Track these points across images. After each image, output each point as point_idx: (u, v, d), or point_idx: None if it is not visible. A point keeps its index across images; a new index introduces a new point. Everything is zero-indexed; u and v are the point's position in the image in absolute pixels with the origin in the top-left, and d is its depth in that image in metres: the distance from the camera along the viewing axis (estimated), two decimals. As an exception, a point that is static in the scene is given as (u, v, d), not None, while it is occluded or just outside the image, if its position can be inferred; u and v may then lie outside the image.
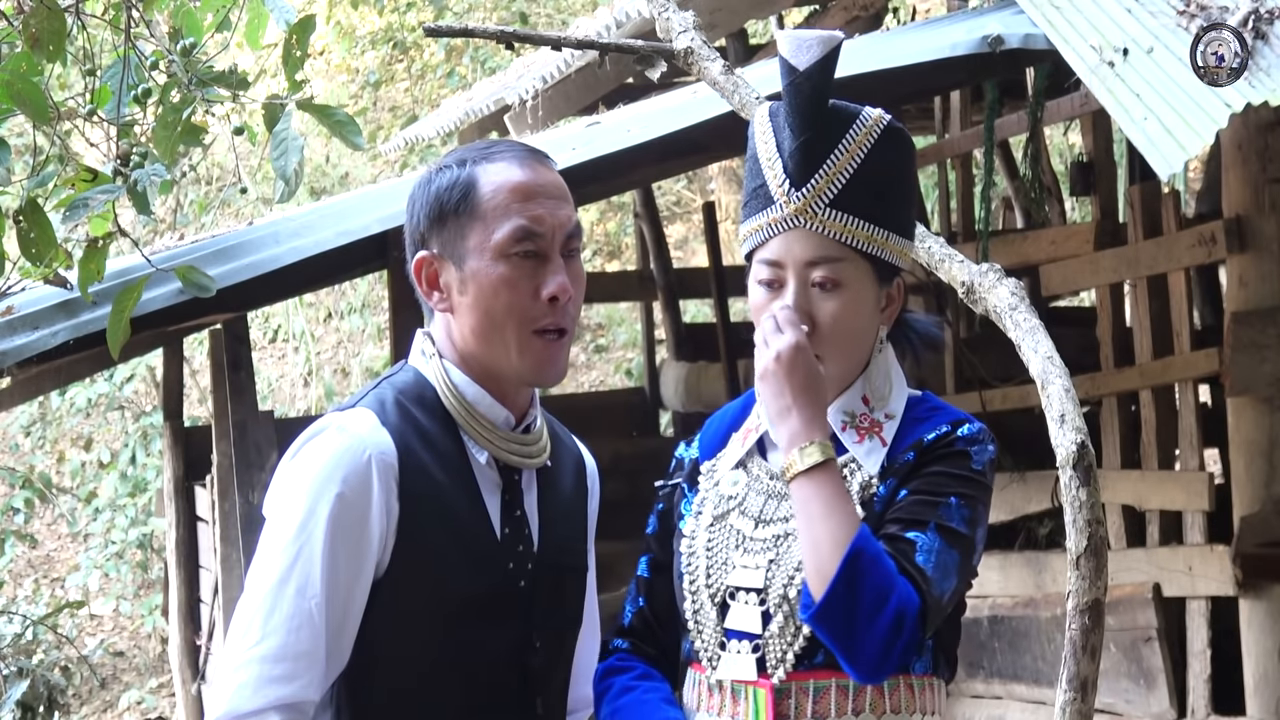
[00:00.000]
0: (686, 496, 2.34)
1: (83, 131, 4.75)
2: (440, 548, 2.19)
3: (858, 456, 2.22)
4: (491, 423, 2.24)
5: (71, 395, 13.32)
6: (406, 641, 2.19)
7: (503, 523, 2.24)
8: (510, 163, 2.25)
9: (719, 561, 2.23)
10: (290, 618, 2.13)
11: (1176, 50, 3.89)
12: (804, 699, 2.15)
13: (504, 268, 2.20)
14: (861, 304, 2.22)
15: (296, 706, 2.12)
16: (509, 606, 2.23)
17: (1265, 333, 5.29)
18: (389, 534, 2.17)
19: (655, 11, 3.46)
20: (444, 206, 2.24)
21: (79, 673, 10.76)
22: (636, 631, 2.35)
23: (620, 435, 9.38)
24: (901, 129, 2.25)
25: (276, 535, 2.16)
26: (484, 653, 2.21)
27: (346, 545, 2.15)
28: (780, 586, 2.16)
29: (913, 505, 2.15)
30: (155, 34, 4.25)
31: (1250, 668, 5.34)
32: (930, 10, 11.26)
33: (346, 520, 2.14)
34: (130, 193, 3.96)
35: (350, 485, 2.15)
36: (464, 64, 15.51)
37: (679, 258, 13.53)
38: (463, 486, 2.22)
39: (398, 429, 2.20)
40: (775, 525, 2.22)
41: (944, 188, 8.15)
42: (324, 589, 2.13)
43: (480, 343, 2.23)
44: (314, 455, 2.18)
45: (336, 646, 2.16)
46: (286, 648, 2.12)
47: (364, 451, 2.16)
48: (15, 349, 4.60)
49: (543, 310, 2.22)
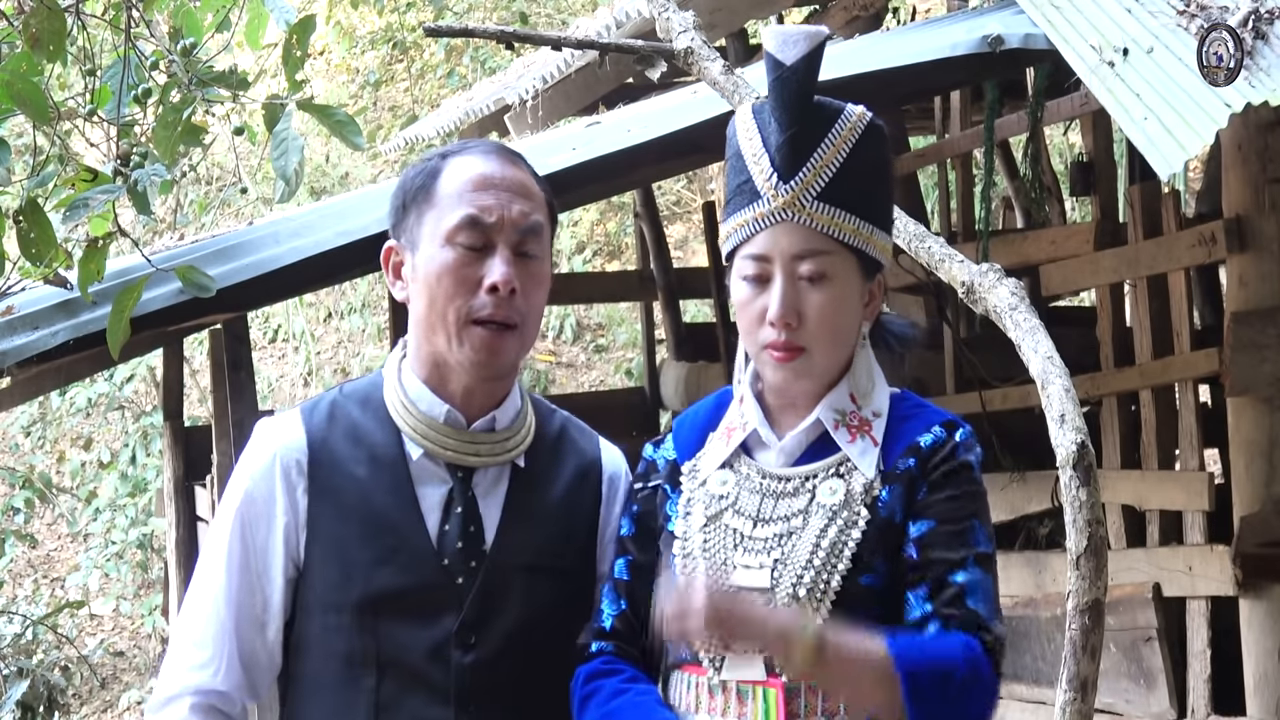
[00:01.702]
0: (670, 498, 2.32)
1: (83, 131, 4.75)
2: (352, 542, 2.22)
3: (852, 456, 2.21)
4: (430, 418, 2.25)
5: (71, 395, 13.33)
6: (326, 634, 2.23)
7: (442, 519, 2.25)
8: (475, 155, 2.28)
9: (718, 562, 2.22)
10: (201, 609, 2.25)
11: (1176, 50, 3.89)
12: (813, 697, 2.15)
13: (449, 254, 2.22)
14: (848, 298, 2.22)
15: (214, 693, 2.22)
16: (440, 603, 2.23)
17: (1265, 333, 5.28)
18: (298, 528, 2.24)
19: (655, 11, 3.47)
20: (407, 195, 2.28)
21: (79, 673, 10.77)
22: (620, 634, 2.32)
23: (620, 435, 9.30)
24: (882, 126, 2.26)
25: (208, 534, 2.30)
26: (407, 648, 2.22)
27: (253, 540, 2.24)
28: (789, 585, 2.15)
29: (946, 539, 2.16)
30: (155, 34, 4.25)
31: (1250, 668, 5.34)
32: (930, 10, 11.26)
33: (251, 516, 2.25)
34: (130, 193, 3.96)
35: (255, 482, 2.25)
36: (464, 64, 15.51)
37: (679, 258, 13.53)
38: (389, 482, 2.24)
39: (319, 425, 2.27)
40: (775, 524, 2.21)
41: (944, 188, 8.14)
42: (226, 582, 2.24)
43: (426, 329, 2.26)
44: (243, 457, 2.30)
45: (262, 642, 2.25)
46: (199, 637, 2.24)
47: (270, 450, 2.26)
48: (15, 349, 4.59)
49: (484, 300, 2.22)
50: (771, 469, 2.25)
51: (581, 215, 14.54)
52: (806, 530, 2.18)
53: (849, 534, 2.17)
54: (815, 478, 2.22)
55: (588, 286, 11.58)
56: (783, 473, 2.24)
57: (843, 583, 2.15)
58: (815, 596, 2.15)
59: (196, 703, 2.21)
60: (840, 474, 2.21)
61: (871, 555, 2.16)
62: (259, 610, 2.23)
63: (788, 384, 2.25)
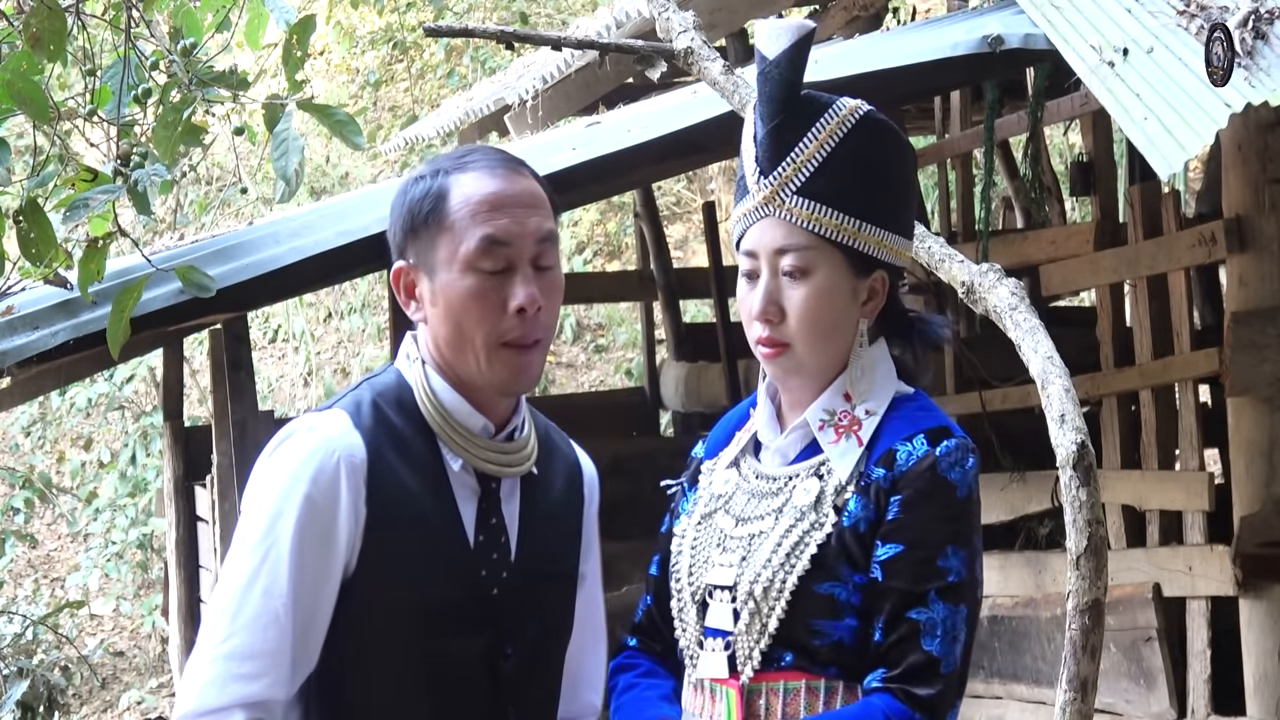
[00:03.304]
0: (686, 495, 2.34)
1: (83, 131, 4.75)
2: (407, 552, 2.19)
3: (831, 458, 2.18)
4: (469, 430, 2.23)
5: (71, 395, 13.33)
6: (374, 645, 2.19)
7: (477, 530, 2.23)
8: (481, 173, 2.22)
9: (700, 560, 2.23)
10: (257, 617, 2.14)
11: (1176, 50, 3.89)
12: (774, 699, 2.15)
13: (471, 280, 2.18)
14: (833, 294, 2.18)
15: (261, 705, 2.13)
16: (481, 614, 2.22)
17: (1265, 333, 5.28)
18: (356, 536, 2.17)
19: (655, 11, 3.47)
20: (415, 218, 2.23)
21: (79, 673, 10.77)
22: (644, 629, 2.35)
23: (620, 435, 9.37)
24: (884, 121, 2.21)
25: (246, 535, 2.18)
26: (453, 659, 2.20)
27: (314, 547, 2.16)
28: (747, 584, 2.16)
29: (911, 569, 2.10)
30: (155, 34, 4.25)
31: (1250, 668, 5.34)
32: (930, 10, 11.26)
33: (314, 522, 2.15)
34: (130, 193, 3.96)
35: (318, 487, 2.16)
36: (464, 64, 15.51)
37: (679, 258, 13.53)
38: (435, 492, 2.21)
39: (370, 431, 2.20)
40: (751, 524, 2.21)
41: (944, 188, 8.14)
42: (290, 590, 2.14)
43: (452, 353, 2.22)
44: (285, 456, 2.19)
45: (304, 647, 2.17)
46: (252, 647, 2.13)
47: (333, 453, 2.17)
48: (15, 349, 4.60)
49: (512, 323, 2.19)
50: (765, 469, 2.25)
51: (581, 215, 14.54)
52: (774, 530, 2.18)
53: (812, 535, 2.14)
54: (796, 478, 2.21)
55: (588, 286, 11.58)
56: (774, 473, 2.24)
57: (799, 584, 2.12)
58: (770, 596, 2.14)
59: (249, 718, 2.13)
60: (819, 474, 2.19)
61: (836, 561, 2.13)
62: (309, 616, 2.17)
63: (779, 379, 2.25)
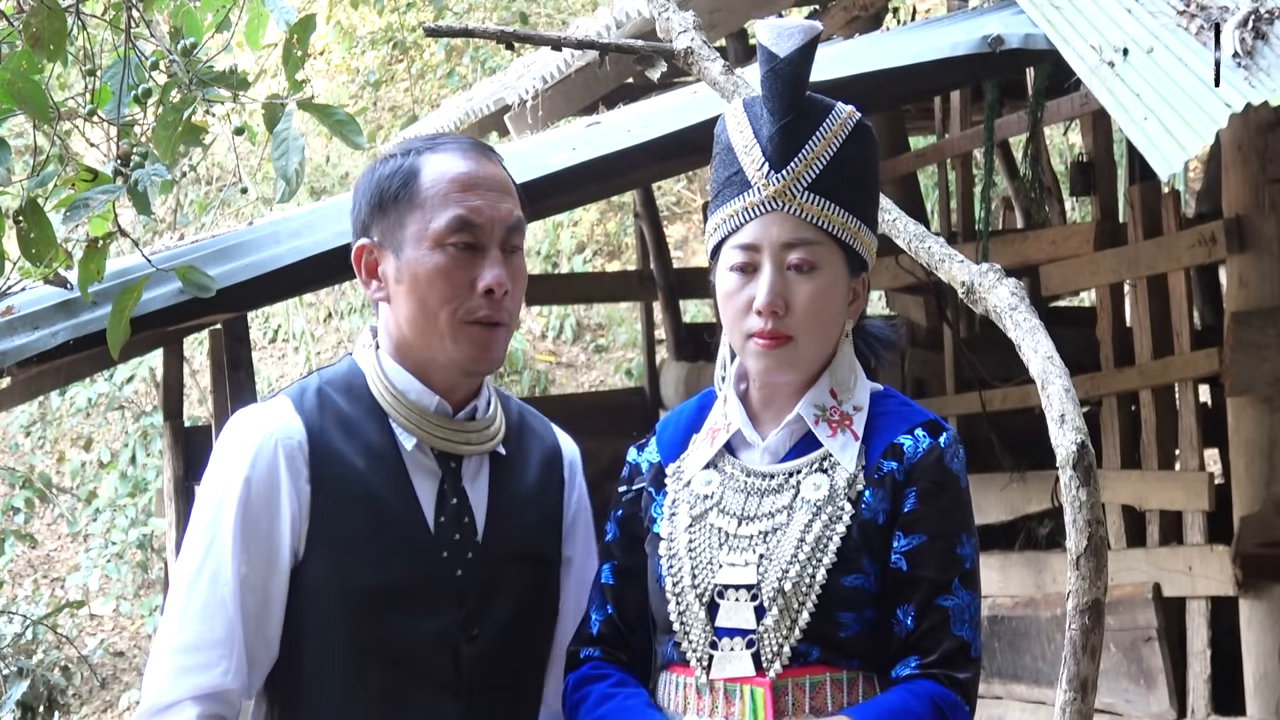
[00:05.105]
0: (655, 500, 2.33)
1: (83, 131, 4.75)
2: (358, 532, 2.20)
3: (833, 451, 2.23)
4: (423, 409, 2.24)
5: (71, 395, 13.32)
6: (328, 627, 2.20)
7: (438, 511, 2.24)
8: (453, 154, 2.26)
9: (704, 562, 2.22)
10: (204, 606, 2.16)
11: (1176, 50, 3.89)
12: (800, 695, 2.16)
13: (440, 257, 2.21)
14: (835, 290, 2.24)
15: (215, 696, 2.15)
16: (442, 595, 2.22)
17: (1265, 333, 5.29)
18: (302, 519, 2.19)
19: (655, 11, 3.47)
20: (384, 194, 2.25)
21: (79, 673, 10.77)
22: (607, 639, 2.33)
23: (620, 435, 9.32)
24: (869, 127, 2.29)
25: (193, 525, 2.21)
26: (412, 641, 2.21)
27: (257, 531, 2.18)
28: (775, 580, 2.17)
29: (937, 558, 2.19)
30: (155, 34, 4.25)
31: (1250, 668, 5.34)
32: (930, 10, 11.26)
33: (254, 506, 2.18)
34: (130, 193, 3.95)
35: (256, 470, 2.18)
36: (464, 64, 15.51)
37: (679, 258, 13.52)
38: (387, 472, 2.22)
39: (312, 414, 2.22)
40: (760, 521, 2.22)
41: (944, 188, 8.14)
42: (235, 575, 2.16)
43: (415, 331, 2.24)
44: (226, 445, 2.22)
45: (261, 635, 2.18)
46: (201, 638, 2.16)
47: (271, 436, 2.20)
48: (15, 349, 4.59)
49: (479, 303, 2.22)
50: (756, 467, 2.27)
51: (581, 215, 14.53)
52: (791, 525, 2.20)
53: (834, 529, 2.18)
54: (799, 473, 2.24)
55: (588, 286, 11.57)
56: (767, 470, 2.26)
57: (827, 578, 2.16)
58: (800, 592, 2.16)
59: (202, 712, 2.14)
60: (824, 469, 2.23)
61: (857, 553, 2.18)
62: (262, 604, 2.19)
63: (771, 374, 2.26)
